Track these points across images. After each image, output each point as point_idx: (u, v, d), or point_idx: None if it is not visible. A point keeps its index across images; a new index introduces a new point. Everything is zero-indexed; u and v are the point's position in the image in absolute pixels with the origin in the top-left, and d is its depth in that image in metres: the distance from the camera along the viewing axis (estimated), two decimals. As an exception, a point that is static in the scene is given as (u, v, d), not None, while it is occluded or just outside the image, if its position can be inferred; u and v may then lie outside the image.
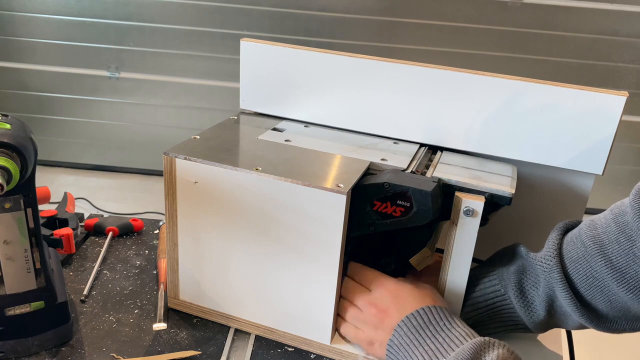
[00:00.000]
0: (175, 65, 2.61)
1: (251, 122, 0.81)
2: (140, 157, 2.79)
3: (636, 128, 2.59)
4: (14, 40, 2.61)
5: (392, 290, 0.66)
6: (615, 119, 0.67)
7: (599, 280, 0.59)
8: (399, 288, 0.66)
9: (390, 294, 0.65)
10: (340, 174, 0.65)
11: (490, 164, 0.72)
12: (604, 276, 0.58)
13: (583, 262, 0.60)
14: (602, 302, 0.60)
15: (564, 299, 0.61)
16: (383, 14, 2.48)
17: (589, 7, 2.42)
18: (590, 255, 0.59)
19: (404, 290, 0.65)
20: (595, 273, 0.58)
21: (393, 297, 0.65)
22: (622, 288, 0.56)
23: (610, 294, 0.58)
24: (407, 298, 0.64)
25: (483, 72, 0.71)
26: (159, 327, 0.70)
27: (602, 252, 0.57)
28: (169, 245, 0.70)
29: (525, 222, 0.77)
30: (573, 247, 0.61)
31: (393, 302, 0.64)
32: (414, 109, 0.75)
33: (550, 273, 0.62)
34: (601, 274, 0.58)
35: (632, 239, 0.55)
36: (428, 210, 0.62)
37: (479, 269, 0.71)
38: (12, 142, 0.56)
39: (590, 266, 0.59)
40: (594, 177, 0.72)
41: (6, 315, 0.63)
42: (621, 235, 0.56)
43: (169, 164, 0.66)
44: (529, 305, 0.65)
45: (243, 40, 0.80)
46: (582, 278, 0.60)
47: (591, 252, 0.59)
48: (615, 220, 0.57)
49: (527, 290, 0.65)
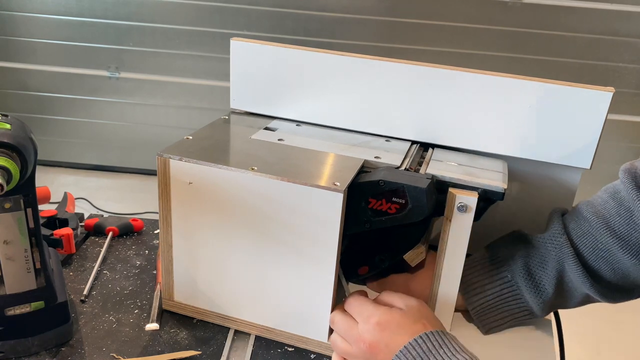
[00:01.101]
0: (175, 65, 2.61)
1: (243, 121, 0.81)
2: (140, 157, 2.79)
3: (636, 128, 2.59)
4: (14, 40, 2.61)
5: (381, 322, 0.61)
6: (602, 114, 0.68)
7: (604, 251, 0.65)
8: (387, 319, 0.61)
9: (378, 327, 0.61)
10: (336, 172, 0.65)
11: (481, 160, 0.73)
12: (610, 246, 0.65)
13: (589, 236, 0.66)
14: (607, 271, 0.66)
15: (574, 272, 0.66)
16: (383, 14, 2.48)
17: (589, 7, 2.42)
18: (595, 228, 0.66)
19: (392, 321, 0.61)
20: (601, 244, 0.65)
21: (381, 330, 0.61)
22: (627, 254, 0.64)
23: (615, 262, 0.65)
24: (396, 329, 0.60)
25: (473, 69, 0.72)
26: (152, 327, 0.70)
27: (606, 224, 0.65)
28: (163, 246, 0.70)
29: (515, 216, 0.79)
30: (576, 224, 0.68)
31: (382, 336, 0.60)
32: (405, 107, 0.75)
33: (561, 249, 0.67)
34: (606, 244, 0.65)
35: (630, 210, 0.64)
36: (423, 206, 0.63)
37: (483, 259, 0.73)
38: (12, 142, 0.56)
39: (595, 239, 0.66)
40: (582, 171, 0.74)
41: (6, 315, 0.63)
42: (620, 208, 0.64)
43: (162, 165, 0.66)
44: (537, 286, 0.69)
45: (233, 39, 0.80)
46: (589, 250, 0.66)
47: (595, 225, 0.66)
48: (612, 197, 0.66)
49: (535, 271, 0.69)
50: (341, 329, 0.65)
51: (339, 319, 0.65)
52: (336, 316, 0.65)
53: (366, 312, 0.63)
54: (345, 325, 0.64)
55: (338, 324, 0.65)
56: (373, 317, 0.62)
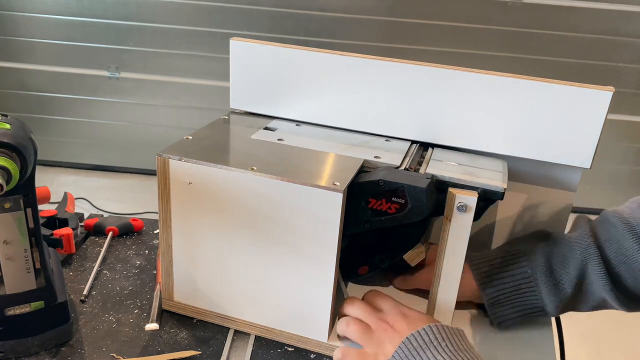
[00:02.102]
0: (175, 65, 2.61)
1: (242, 121, 0.81)
2: (140, 157, 2.79)
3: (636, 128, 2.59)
4: (14, 40, 2.61)
5: (403, 311, 0.66)
6: (602, 113, 0.68)
7: (627, 257, 0.67)
8: (409, 310, 0.66)
9: (401, 313, 0.65)
10: (335, 172, 0.65)
11: (480, 160, 0.73)
12: (633, 252, 0.66)
13: (614, 241, 0.68)
14: (628, 278, 0.67)
15: (596, 274, 0.68)
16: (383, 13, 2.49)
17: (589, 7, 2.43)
18: (621, 234, 0.68)
19: (413, 313, 0.65)
20: (625, 250, 0.67)
21: (403, 316, 0.64)
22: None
23: (637, 269, 0.67)
24: (416, 319, 0.64)
25: (472, 68, 0.72)
26: (151, 327, 0.70)
27: (631, 231, 0.67)
28: (163, 246, 0.70)
29: (515, 216, 0.79)
30: (603, 228, 0.70)
31: (404, 320, 0.64)
32: (405, 106, 0.75)
33: (587, 249, 0.69)
34: (630, 250, 0.67)
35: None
36: (423, 206, 0.63)
37: (503, 252, 0.73)
38: (12, 142, 0.56)
39: (620, 244, 0.67)
40: (582, 171, 0.74)
41: (6, 315, 0.63)
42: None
43: (162, 165, 0.66)
44: (557, 284, 0.69)
45: (232, 39, 0.80)
46: (613, 255, 0.68)
47: (621, 231, 0.68)
48: None
49: (556, 269, 0.70)
50: (363, 311, 0.67)
51: (359, 304, 0.68)
52: (356, 302, 0.68)
53: (392, 301, 0.67)
54: (368, 308, 0.67)
55: (361, 307, 0.67)
56: (399, 306, 0.67)
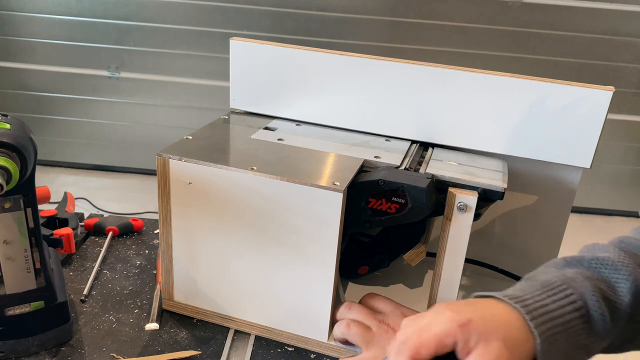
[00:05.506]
0: (175, 65, 2.61)
1: (242, 121, 0.81)
2: (140, 157, 2.79)
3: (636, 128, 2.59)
4: (14, 40, 2.61)
5: (404, 312, 0.66)
6: (602, 113, 0.68)
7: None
8: (410, 311, 0.66)
9: (402, 315, 0.65)
10: (335, 172, 0.65)
11: (480, 160, 0.73)
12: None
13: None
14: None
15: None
16: (383, 13, 2.49)
17: (589, 7, 2.43)
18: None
19: (414, 313, 0.64)
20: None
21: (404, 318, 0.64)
22: None
23: None
24: (417, 317, 0.61)
25: (472, 68, 0.72)
26: (151, 327, 0.70)
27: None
28: (163, 246, 0.70)
29: (515, 216, 0.79)
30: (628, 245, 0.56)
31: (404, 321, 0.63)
32: (405, 106, 0.76)
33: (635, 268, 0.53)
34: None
35: None
36: (423, 206, 0.63)
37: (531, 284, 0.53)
38: (12, 142, 0.56)
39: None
40: (582, 170, 0.74)
41: (6, 315, 0.63)
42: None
43: (162, 165, 0.66)
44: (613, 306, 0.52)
45: (232, 39, 0.80)
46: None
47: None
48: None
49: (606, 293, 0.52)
50: (360, 314, 0.67)
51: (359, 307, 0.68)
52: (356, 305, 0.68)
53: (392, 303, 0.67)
54: (367, 311, 0.67)
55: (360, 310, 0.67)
56: (398, 308, 0.67)
